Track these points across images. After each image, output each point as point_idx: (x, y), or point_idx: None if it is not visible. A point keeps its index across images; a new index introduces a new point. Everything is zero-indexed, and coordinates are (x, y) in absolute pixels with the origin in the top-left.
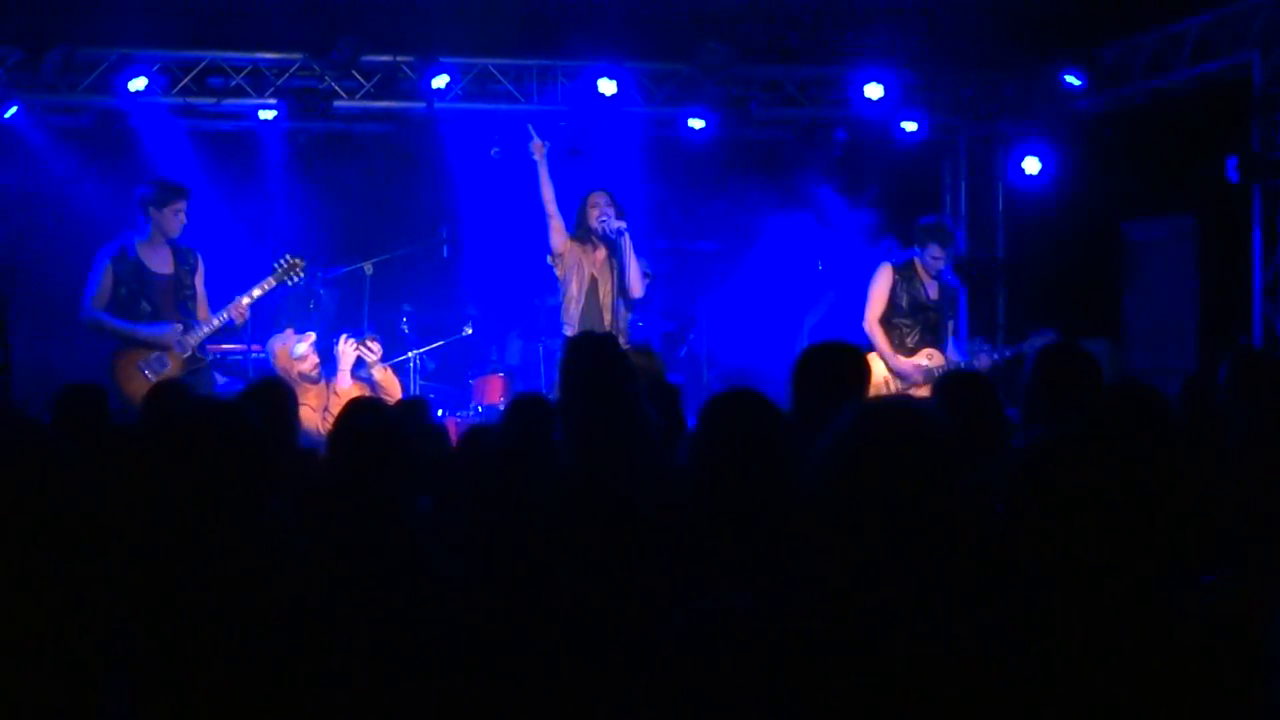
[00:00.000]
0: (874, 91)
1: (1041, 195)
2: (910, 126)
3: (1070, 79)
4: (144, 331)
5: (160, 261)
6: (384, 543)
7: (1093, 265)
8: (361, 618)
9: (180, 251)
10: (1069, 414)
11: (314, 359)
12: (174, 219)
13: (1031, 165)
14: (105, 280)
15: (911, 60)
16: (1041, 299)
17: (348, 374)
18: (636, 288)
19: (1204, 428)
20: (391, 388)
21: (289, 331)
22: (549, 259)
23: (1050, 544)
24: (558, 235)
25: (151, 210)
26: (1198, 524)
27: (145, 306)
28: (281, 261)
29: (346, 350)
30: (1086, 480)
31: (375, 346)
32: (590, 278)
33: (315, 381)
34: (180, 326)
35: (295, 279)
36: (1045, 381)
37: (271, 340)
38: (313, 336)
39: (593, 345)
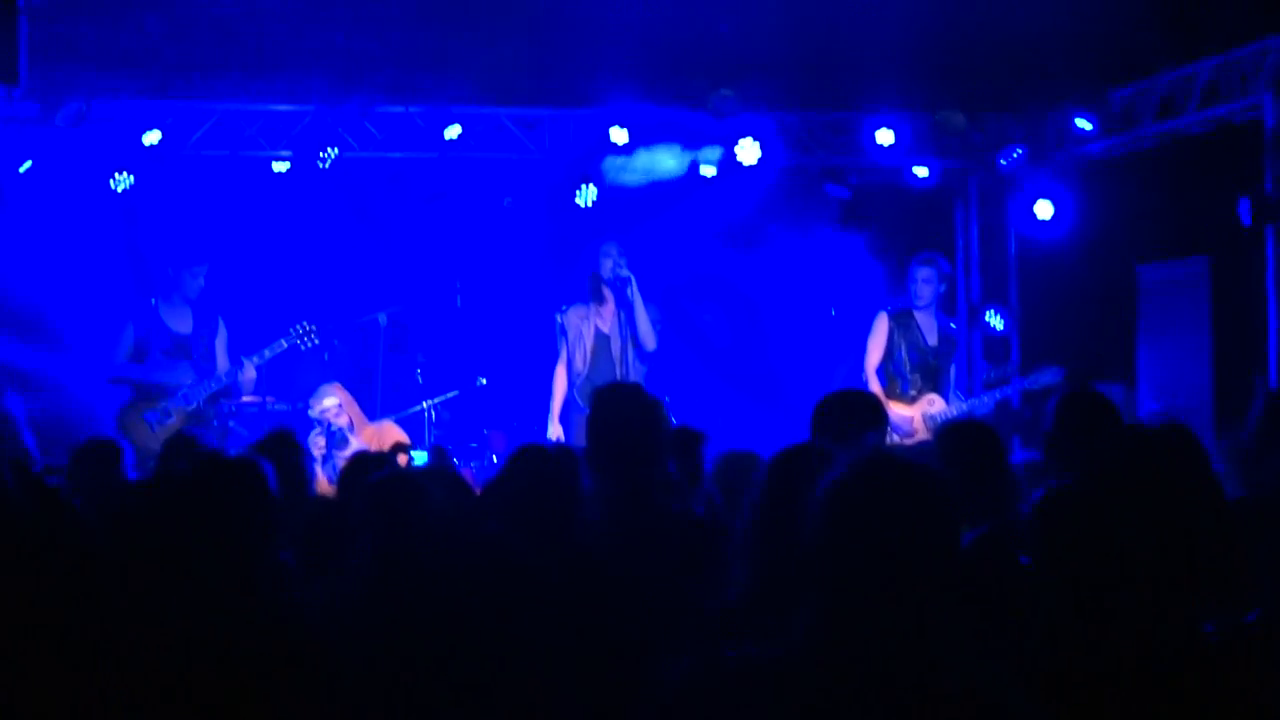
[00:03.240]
0: (885, 137)
1: (1054, 238)
2: (922, 172)
3: (1081, 122)
4: (157, 373)
5: (180, 320)
6: (396, 594)
7: (1106, 308)
8: (377, 671)
9: (202, 314)
10: (1090, 459)
11: (340, 414)
12: (191, 281)
13: (1044, 209)
14: (127, 336)
15: (922, 106)
16: (1055, 343)
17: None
18: (649, 339)
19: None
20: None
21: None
22: (558, 317)
23: (1081, 589)
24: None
25: (175, 270)
26: (1235, 563)
27: (160, 359)
28: (297, 327)
29: (319, 442)
30: (1118, 524)
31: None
32: (598, 333)
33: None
34: (192, 373)
35: (309, 345)
36: (1066, 428)
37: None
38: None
39: (617, 396)
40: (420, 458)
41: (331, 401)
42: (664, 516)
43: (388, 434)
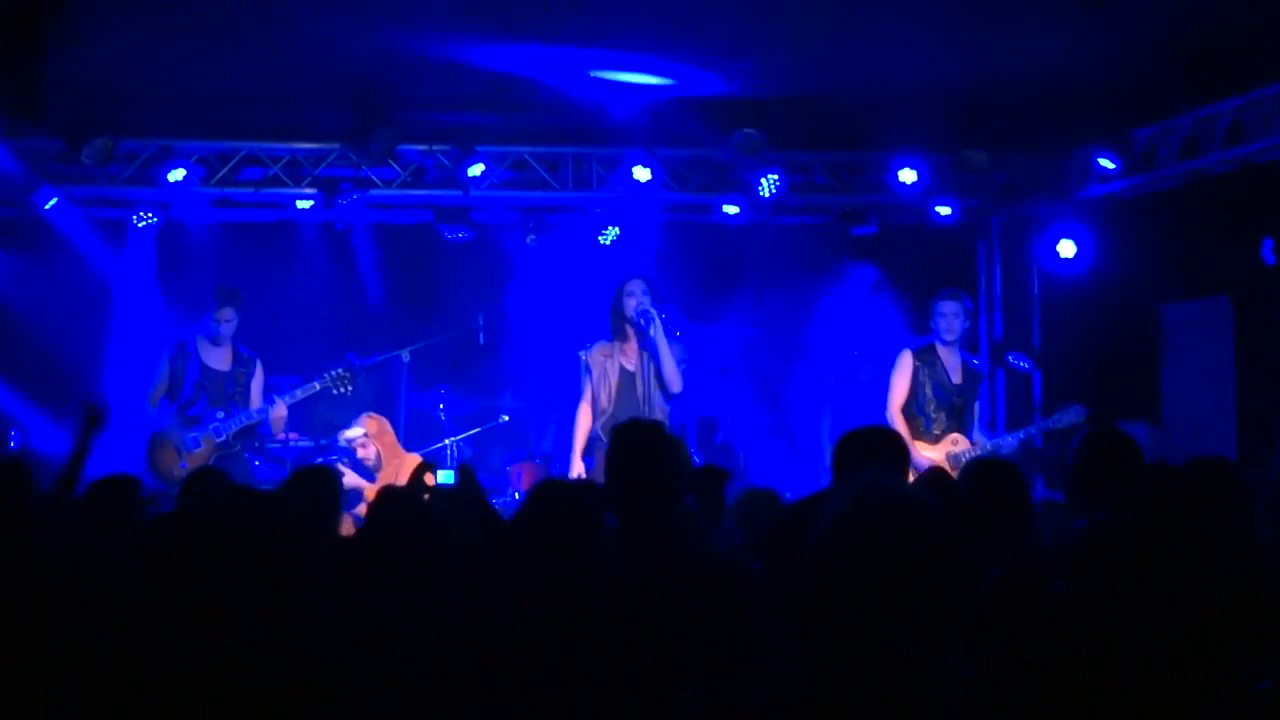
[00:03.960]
0: (908, 176)
1: (1077, 277)
2: (944, 211)
3: (1104, 162)
4: (174, 430)
5: (218, 359)
6: (420, 634)
7: (1130, 348)
8: (402, 712)
9: (241, 356)
10: (1113, 498)
11: (366, 445)
12: (225, 326)
13: (1066, 248)
14: (163, 374)
15: (945, 145)
16: (1078, 382)
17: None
18: (674, 381)
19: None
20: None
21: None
22: (582, 355)
23: (1114, 626)
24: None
25: (207, 313)
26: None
27: (192, 390)
28: (331, 373)
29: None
30: (1156, 561)
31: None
32: (623, 372)
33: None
34: (215, 427)
35: (341, 391)
36: (1090, 466)
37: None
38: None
39: (636, 433)
40: (446, 477)
41: (357, 432)
42: (681, 554)
43: (409, 466)
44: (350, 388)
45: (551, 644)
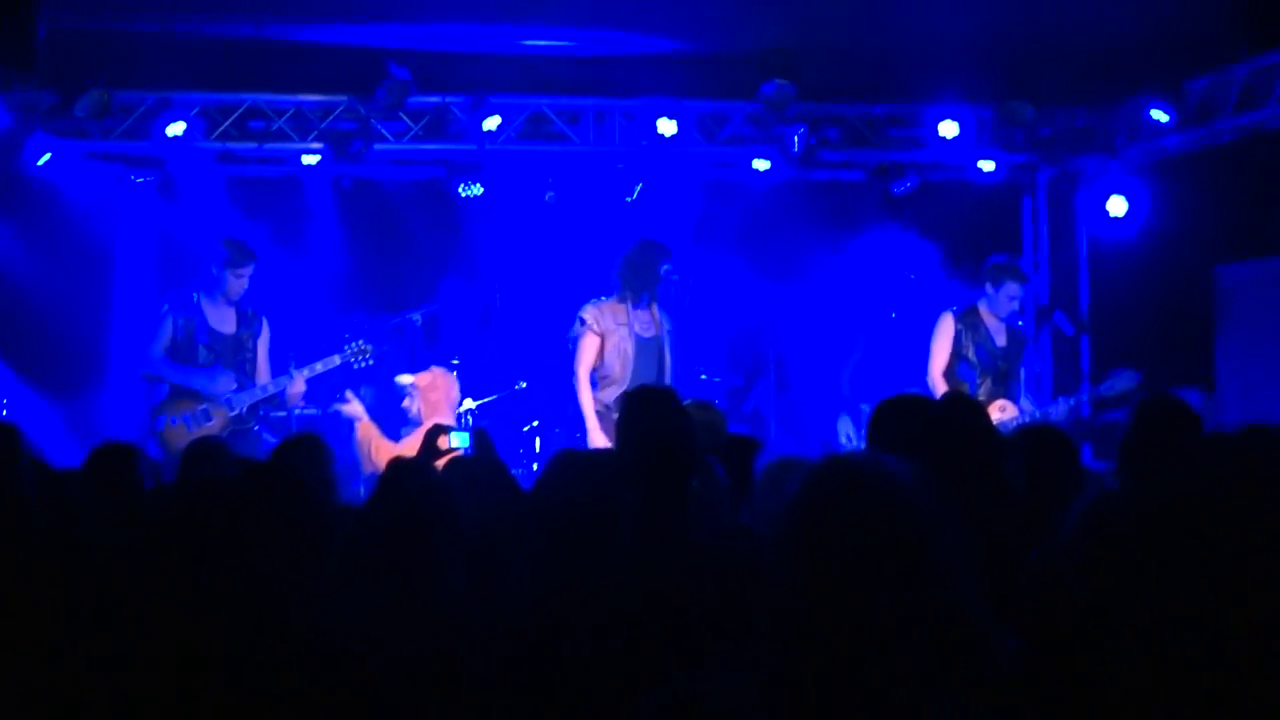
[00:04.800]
0: (949, 130)
1: (1128, 237)
2: (987, 166)
3: (1157, 114)
4: (198, 379)
5: (223, 320)
6: (424, 612)
7: (1183, 311)
8: (408, 695)
9: (245, 315)
10: (1169, 467)
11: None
12: (237, 282)
13: (1117, 206)
14: (166, 331)
15: (988, 97)
16: (1128, 347)
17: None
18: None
19: None
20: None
21: None
22: (584, 314)
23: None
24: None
25: (219, 269)
26: None
27: (203, 354)
28: (352, 345)
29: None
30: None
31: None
32: (640, 340)
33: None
34: (235, 382)
35: (361, 364)
36: (1145, 434)
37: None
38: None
39: (650, 401)
40: (462, 440)
41: (407, 379)
42: (693, 538)
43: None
44: (371, 359)
45: (568, 632)
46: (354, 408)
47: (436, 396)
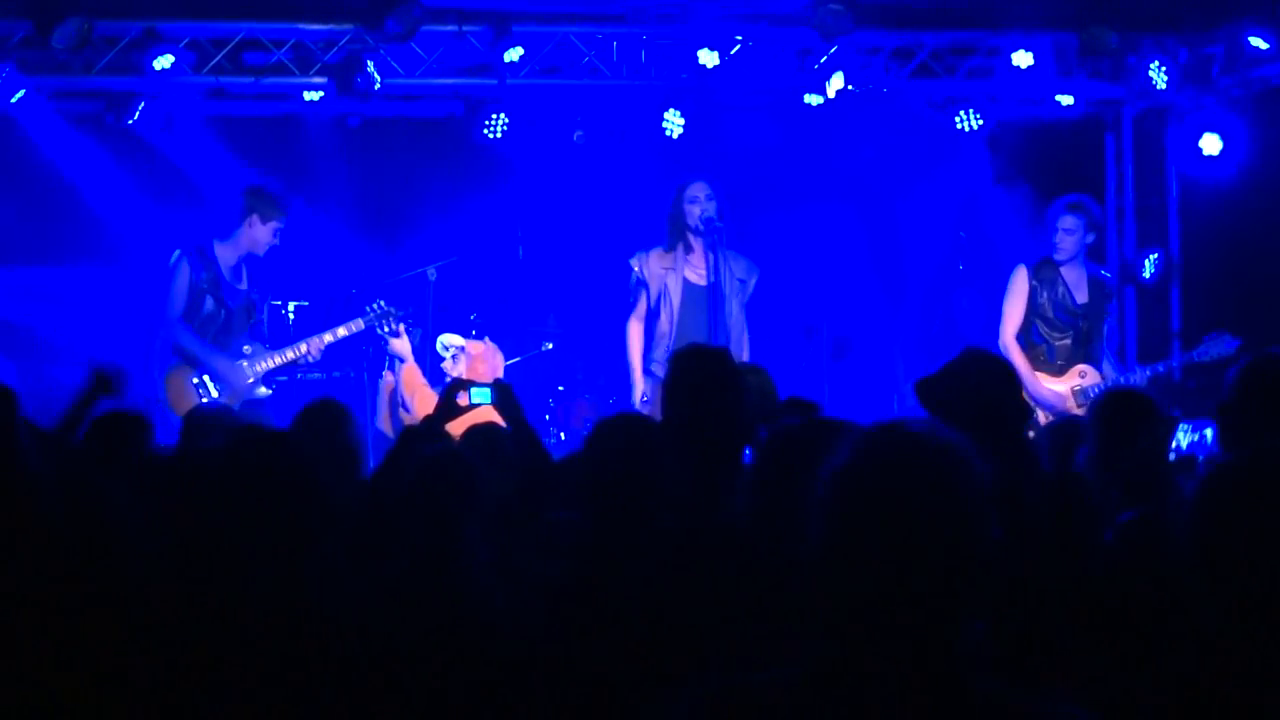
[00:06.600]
0: (1023, 60)
1: (1222, 179)
2: (1066, 100)
3: (1256, 41)
4: (217, 361)
5: (236, 275)
6: (443, 589)
7: None
8: (414, 671)
9: (255, 275)
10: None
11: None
12: (267, 238)
13: (1210, 144)
14: (180, 284)
15: (1067, 23)
16: (1223, 304)
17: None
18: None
19: None
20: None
21: None
22: (633, 263)
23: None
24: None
25: (248, 218)
26: None
27: (219, 313)
28: (375, 306)
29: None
30: None
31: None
32: (689, 288)
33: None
34: (246, 361)
35: (387, 329)
36: (1248, 399)
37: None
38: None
39: (697, 363)
40: (482, 396)
41: (457, 340)
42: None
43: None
44: (395, 324)
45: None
46: (402, 344)
47: (484, 369)
